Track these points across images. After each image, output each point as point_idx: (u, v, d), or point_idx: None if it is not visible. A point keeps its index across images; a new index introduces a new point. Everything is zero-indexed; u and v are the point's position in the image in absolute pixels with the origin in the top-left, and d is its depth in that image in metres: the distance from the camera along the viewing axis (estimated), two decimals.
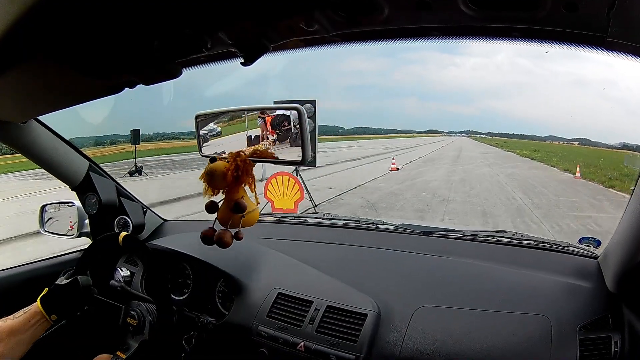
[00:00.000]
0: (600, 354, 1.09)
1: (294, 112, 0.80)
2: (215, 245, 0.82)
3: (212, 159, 0.82)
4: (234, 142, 0.89)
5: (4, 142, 1.40)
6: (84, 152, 1.70)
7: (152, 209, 1.99)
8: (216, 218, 0.84)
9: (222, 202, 0.85)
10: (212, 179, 0.82)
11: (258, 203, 0.85)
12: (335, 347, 1.21)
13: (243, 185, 0.83)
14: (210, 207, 0.84)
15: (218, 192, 0.85)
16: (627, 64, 0.64)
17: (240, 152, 0.83)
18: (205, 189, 0.84)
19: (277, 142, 0.86)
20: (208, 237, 0.84)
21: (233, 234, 0.84)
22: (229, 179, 0.81)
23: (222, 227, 0.84)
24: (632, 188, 1.07)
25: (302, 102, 4.67)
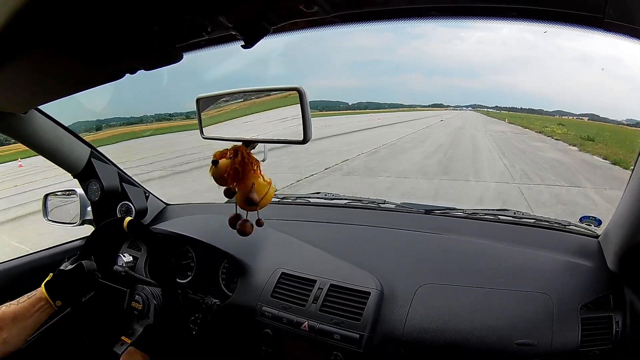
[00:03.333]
0: (601, 333, 1.11)
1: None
2: (221, 227, 0.82)
3: (215, 162, 0.83)
4: (234, 124, 0.90)
5: (5, 133, 1.39)
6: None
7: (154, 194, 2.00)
8: (236, 205, 0.86)
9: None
10: (219, 181, 0.84)
11: (269, 182, 0.87)
12: (339, 325, 1.23)
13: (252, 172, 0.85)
14: (228, 193, 0.86)
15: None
16: (632, 44, 0.64)
17: (239, 149, 0.84)
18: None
19: None
20: (232, 224, 0.86)
21: (255, 222, 0.86)
22: (230, 182, 0.83)
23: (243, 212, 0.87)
24: (632, 167, 1.07)
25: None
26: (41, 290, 1.17)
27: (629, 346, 1.10)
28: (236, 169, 0.82)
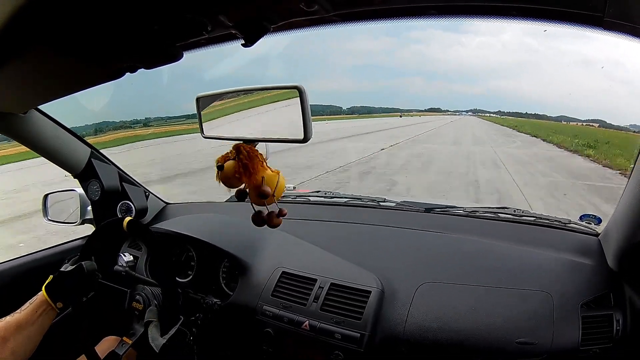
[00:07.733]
0: (602, 332, 1.10)
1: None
2: (221, 226, 0.81)
3: (220, 166, 0.83)
4: (234, 122, 0.90)
5: (5, 133, 1.39)
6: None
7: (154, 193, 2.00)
8: (252, 204, 0.86)
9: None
10: (229, 184, 0.84)
11: (278, 172, 0.86)
12: (339, 325, 1.23)
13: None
14: (240, 195, 0.86)
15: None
16: (633, 45, 0.64)
17: (240, 146, 0.84)
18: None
19: None
20: (258, 219, 0.86)
21: (277, 212, 0.86)
22: (240, 181, 0.83)
23: (259, 209, 0.86)
24: (632, 166, 1.06)
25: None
26: (42, 293, 1.15)
27: (629, 344, 1.09)
28: (245, 164, 0.82)
